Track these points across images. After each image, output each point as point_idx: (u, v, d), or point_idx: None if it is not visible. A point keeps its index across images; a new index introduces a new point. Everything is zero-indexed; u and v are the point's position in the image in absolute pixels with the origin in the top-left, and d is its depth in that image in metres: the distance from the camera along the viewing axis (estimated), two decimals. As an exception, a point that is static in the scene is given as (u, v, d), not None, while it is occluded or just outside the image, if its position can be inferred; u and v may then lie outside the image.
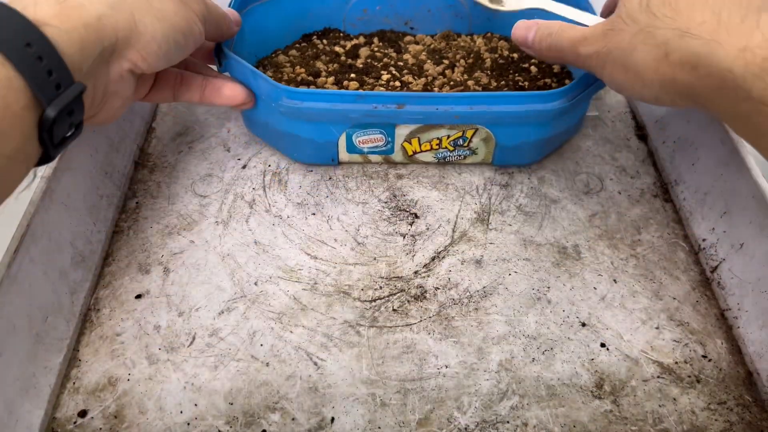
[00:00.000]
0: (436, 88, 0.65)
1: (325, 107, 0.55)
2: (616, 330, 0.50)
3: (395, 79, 0.66)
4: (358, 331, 0.49)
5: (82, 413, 0.44)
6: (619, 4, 0.44)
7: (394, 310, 0.50)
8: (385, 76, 0.66)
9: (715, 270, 0.53)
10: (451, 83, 0.65)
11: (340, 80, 0.65)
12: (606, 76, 0.46)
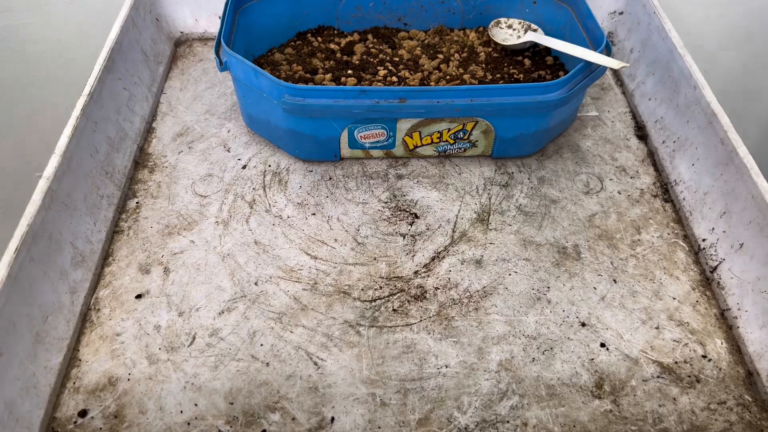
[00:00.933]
0: (432, 83, 0.65)
1: (328, 103, 0.55)
2: (616, 330, 0.50)
3: (392, 75, 0.66)
4: (358, 331, 0.49)
5: (82, 413, 0.44)
6: None
7: (394, 310, 0.50)
8: (382, 72, 0.66)
9: (714, 270, 0.53)
10: (447, 77, 0.66)
11: (338, 77, 0.66)
12: None
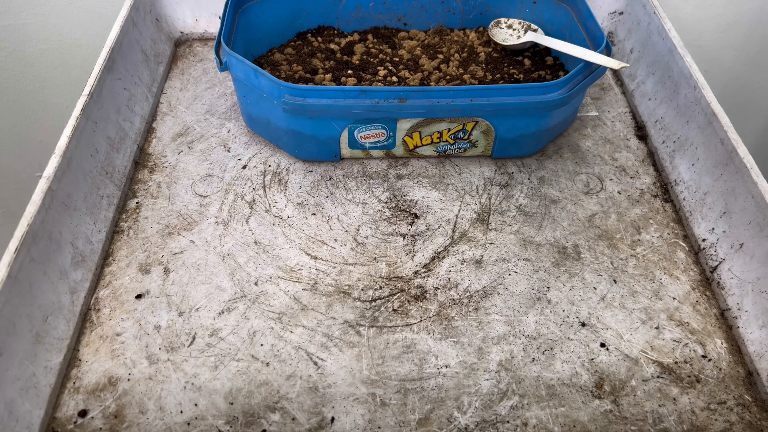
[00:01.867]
0: (432, 83, 0.65)
1: (328, 104, 0.55)
2: (616, 330, 0.50)
3: (392, 75, 0.66)
4: (358, 331, 0.49)
5: (82, 413, 0.44)
6: None
7: (394, 310, 0.50)
8: (382, 72, 0.66)
9: (714, 270, 0.53)
10: (447, 77, 0.66)
11: (338, 77, 0.66)
12: None
